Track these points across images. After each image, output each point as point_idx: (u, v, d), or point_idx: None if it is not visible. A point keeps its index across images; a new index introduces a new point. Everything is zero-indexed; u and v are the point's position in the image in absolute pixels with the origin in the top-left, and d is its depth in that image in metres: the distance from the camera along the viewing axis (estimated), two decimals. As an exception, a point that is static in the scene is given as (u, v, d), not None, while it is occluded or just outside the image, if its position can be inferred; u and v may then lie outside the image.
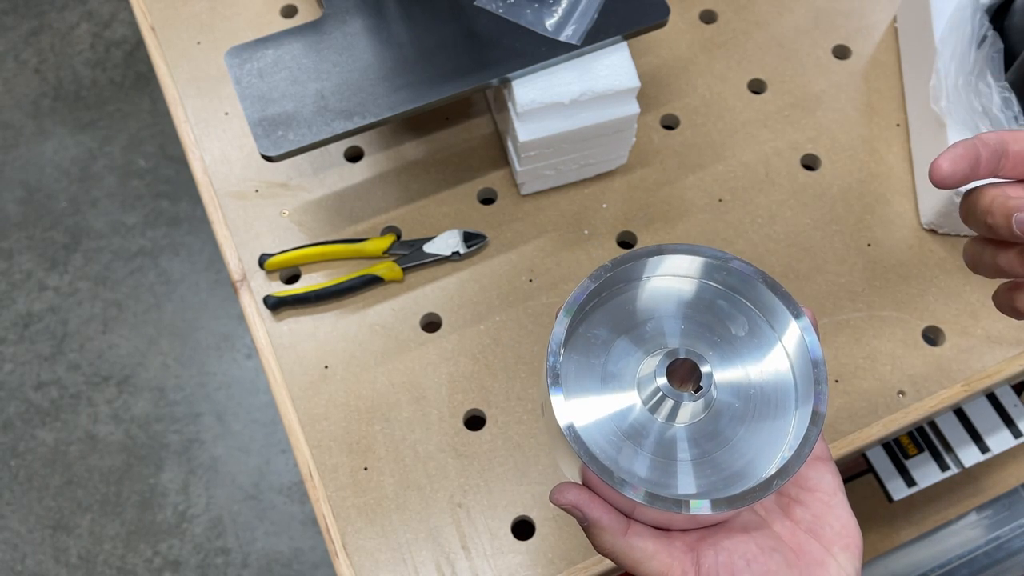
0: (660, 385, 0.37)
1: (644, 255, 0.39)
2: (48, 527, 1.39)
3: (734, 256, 0.40)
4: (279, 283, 0.63)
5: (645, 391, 0.38)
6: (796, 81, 0.70)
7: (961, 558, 0.70)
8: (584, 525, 0.37)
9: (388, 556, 0.54)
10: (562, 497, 0.36)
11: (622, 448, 0.37)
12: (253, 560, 1.36)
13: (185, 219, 1.61)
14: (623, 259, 0.39)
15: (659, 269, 0.41)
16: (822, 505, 0.38)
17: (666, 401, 0.37)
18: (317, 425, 0.58)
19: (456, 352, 0.60)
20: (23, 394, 1.48)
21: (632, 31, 0.58)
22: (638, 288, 0.41)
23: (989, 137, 0.36)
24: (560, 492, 0.36)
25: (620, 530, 0.36)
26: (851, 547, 0.37)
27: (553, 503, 0.37)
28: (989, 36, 0.59)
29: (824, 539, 0.37)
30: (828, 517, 0.38)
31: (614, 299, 0.41)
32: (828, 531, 0.37)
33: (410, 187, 0.66)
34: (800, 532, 0.38)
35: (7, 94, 1.74)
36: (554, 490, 0.37)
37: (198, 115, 0.69)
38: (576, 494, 0.36)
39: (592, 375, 0.39)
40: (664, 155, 0.67)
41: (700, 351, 0.39)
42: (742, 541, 0.36)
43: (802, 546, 0.37)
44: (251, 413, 1.45)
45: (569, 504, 0.36)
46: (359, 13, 0.59)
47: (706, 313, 0.41)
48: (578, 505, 0.36)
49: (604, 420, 0.38)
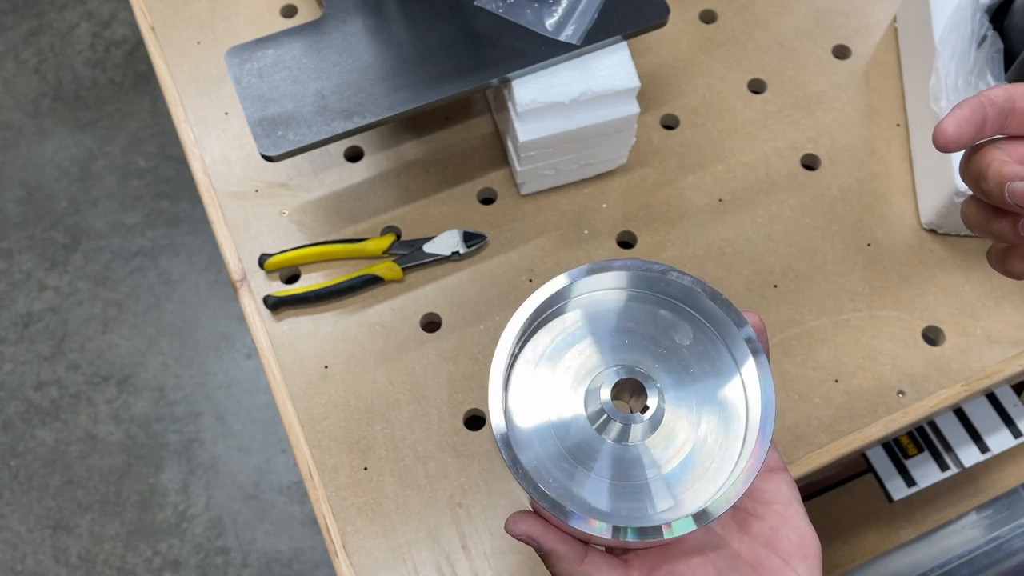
0: (605, 406, 0.37)
1: (578, 276, 0.39)
2: (48, 527, 1.39)
3: (671, 267, 0.39)
4: (279, 283, 0.63)
5: (591, 412, 0.38)
6: (796, 81, 0.70)
7: (961, 558, 0.70)
8: (540, 555, 0.36)
9: (388, 556, 0.54)
10: (516, 528, 0.36)
11: (574, 474, 0.37)
12: (253, 560, 1.36)
13: (185, 219, 1.61)
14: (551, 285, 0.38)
15: (592, 285, 0.40)
16: (778, 517, 0.38)
17: (613, 423, 0.37)
18: (317, 425, 0.58)
19: (456, 352, 0.60)
20: (23, 394, 1.48)
21: (632, 31, 0.58)
22: (575, 306, 0.41)
23: (996, 94, 0.35)
24: (514, 523, 0.36)
25: (577, 559, 0.35)
26: (809, 557, 0.37)
27: (508, 533, 0.36)
28: (989, 36, 0.59)
29: (782, 551, 0.37)
30: (785, 529, 0.37)
31: (551, 321, 0.40)
32: (786, 543, 0.37)
33: (410, 187, 0.66)
34: (758, 546, 0.37)
35: (7, 94, 1.74)
36: (508, 520, 0.36)
37: (198, 115, 0.69)
38: (530, 524, 0.36)
39: (538, 403, 0.38)
40: (664, 155, 0.67)
41: (646, 366, 0.38)
42: (699, 564, 0.36)
43: (761, 561, 0.37)
44: (251, 413, 1.45)
45: (523, 535, 0.36)
46: (359, 13, 0.59)
47: (649, 325, 0.40)
48: (532, 536, 0.35)
49: (552, 447, 0.37)
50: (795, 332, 0.60)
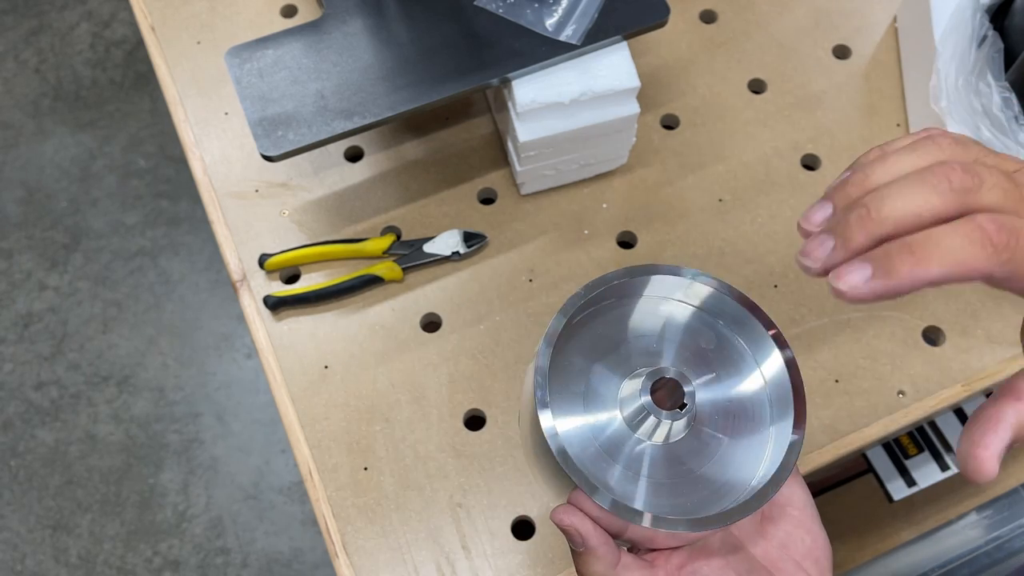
0: (645, 404, 0.37)
1: (614, 279, 0.39)
2: (48, 527, 1.39)
3: (700, 272, 0.40)
4: (279, 283, 0.63)
5: (628, 412, 0.38)
6: (796, 81, 0.70)
7: (961, 558, 0.70)
8: (579, 550, 0.36)
9: (388, 556, 0.54)
10: (564, 519, 0.35)
11: (608, 471, 0.37)
12: (253, 560, 1.36)
13: (185, 219, 1.61)
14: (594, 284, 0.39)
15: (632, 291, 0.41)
16: (794, 521, 0.38)
17: (650, 420, 0.37)
18: (317, 425, 0.58)
19: (456, 352, 0.60)
20: (23, 394, 1.48)
21: (632, 31, 0.58)
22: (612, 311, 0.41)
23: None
24: (565, 514, 0.35)
25: (614, 560, 0.36)
26: (822, 560, 0.37)
27: (554, 521, 0.36)
28: (989, 36, 0.59)
29: (796, 555, 0.37)
30: (799, 532, 0.38)
31: (589, 323, 0.40)
32: (800, 546, 0.38)
33: (410, 187, 0.66)
34: (773, 549, 0.38)
35: (7, 94, 1.74)
36: (559, 510, 0.36)
37: (198, 115, 0.69)
38: (580, 519, 0.35)
39: (574, 400, 0.39)
40: (664, 155, 0.67)
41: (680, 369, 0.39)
42: (720, 566, 0.37)
43: (775, 563, 0.37)
44: (251, 413, 1.45)
45: (573, 528, 0.35)
46: (359, 13, 0.59)
47: (680, 331, 0.41)
48: (580, 531, 0.35)
49: (590, 444, 0.38)
50: (795, 332, 0.60)
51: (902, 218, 0.27)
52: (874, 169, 0.28)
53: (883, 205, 0.27)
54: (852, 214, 0.28)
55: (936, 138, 0.29)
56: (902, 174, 0.28)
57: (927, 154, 0.28)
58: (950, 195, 0.27)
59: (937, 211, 0.27)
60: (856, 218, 0.28)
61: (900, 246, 0.27)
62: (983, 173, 0.27)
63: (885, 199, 0.27)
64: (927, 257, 0.26)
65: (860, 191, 0.28)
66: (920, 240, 0.27)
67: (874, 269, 0.27)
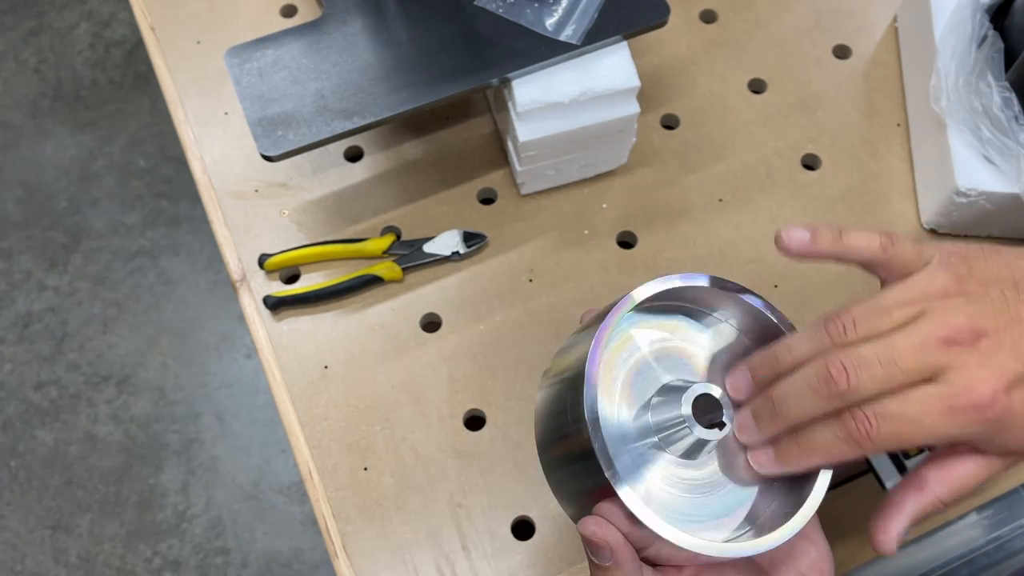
0: (684, 417, 0.36)
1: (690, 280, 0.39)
2: (48, 527, 1.39)
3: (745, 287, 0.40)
4: (279, 283, 0.63)
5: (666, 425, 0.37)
6: (796, 81, 0.70)
7: (961, 558, 0.70)
8: (604, 564, 0.35)
9: (388, 556, 0.54)
10: (596, 532, 0.34)
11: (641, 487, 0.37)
12: (253, 560, 1.36)
13: (185, 219, 1.61)
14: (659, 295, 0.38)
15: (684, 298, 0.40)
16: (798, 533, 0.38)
17: (687, 437, 0.37)
18: (317, 425, 0.58)
19: (456, 352, 0.60)
20: (23, 394, 1.48)
21: (632, 31, 0.58)
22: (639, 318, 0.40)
23: None
24: (596, 526, 0.34)
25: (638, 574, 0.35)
26: (826, 572, 0.38)
27: (582, 533, 0.35)
28: (989, 36, 0.59)
29: (802, 565, 0.38)
30: (804, 544, 0.38)
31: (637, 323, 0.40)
32: (805, 558, 0.38)
33: (410, 187, 0.66)
34: (779, 560, 0.38)
35: (7, 94, 1.74)
36: (588, 522, 0.35)
37: (198, 115, 0.69)
38: (611, 532, 0.34)
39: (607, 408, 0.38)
40: (664, 155, 0.67)
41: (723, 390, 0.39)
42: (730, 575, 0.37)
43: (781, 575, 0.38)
44: (251, 413, 1.45)
45: (603, 541, 0.34)
46: (359, 13, 0.59)
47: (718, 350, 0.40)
48: (613, 546, 0.34)
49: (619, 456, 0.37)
50: (795, 332, 0.60)
51: (796, 416, 0.35)
52: (780, 357, 0.36)
53: (785, 407, 0.35)
54: (765, 408, 0.36)
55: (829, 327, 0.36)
56: (798, 363, 0.36)
57: (820, 348, 0.36)
58: (830, 399, 0.34)
59: (821, 409, 0.35)
60: (767, 412, 0.36)
61: (789, 442, 0.36)
62: (862, 373, 0.34)
63: (785, 402, 0.35)
64: (808, 452, 0.35)
65: (771, 374, 0.37)
66: (804, 438, 0.35)
67: (775, 454, 0.36)
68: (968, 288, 0.36)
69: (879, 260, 0.39)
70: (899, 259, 0.38)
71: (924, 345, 0.34)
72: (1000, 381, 0.33)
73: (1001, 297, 0.35)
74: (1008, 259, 0.36)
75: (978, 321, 0.34)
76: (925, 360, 0.34)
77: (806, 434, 0.35)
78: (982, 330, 0.34)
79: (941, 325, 0.34)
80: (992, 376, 0.33)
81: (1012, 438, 0.35)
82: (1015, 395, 0.34)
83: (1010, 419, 0.34)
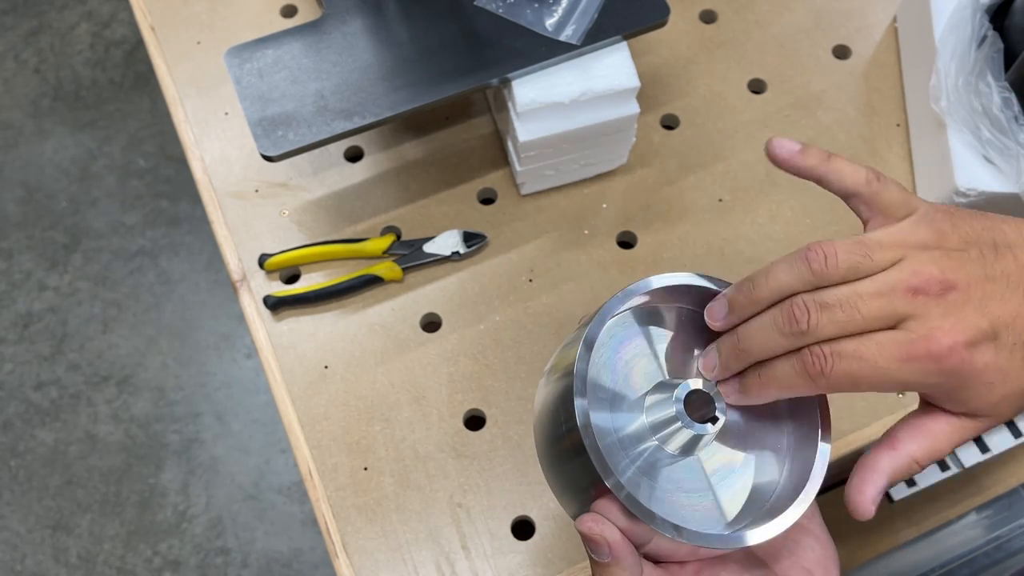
0: (677, 413, 0.36)
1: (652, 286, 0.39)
2: (48, 527, 1.39)
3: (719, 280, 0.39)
4: (279, 283, 0.63)
5: (658, 421, 0.37)
6: (796, 81, 0.70)
7: (961, 558, 0.70)
8: (603, 561, 0.35)
9: (388, 556, 0.54)
10: (593, 529, 0.34)
11: (640, 483, 0.37)
12: (253, 560, 1.36)
13: (185, 219, 1.61)
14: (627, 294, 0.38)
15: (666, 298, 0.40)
16: (803, 529, 0.38)
17: (681, 433, 0.37)
18: (317, 425, 0.58)
19: (456, 352, 0.60)
20: (23, 394, 1.48)
21: (632, 31, 0.58)
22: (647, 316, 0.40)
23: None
24: (594, 523, 0.34)
25: (637, 573, 0.35)
26: (831, 569, 0.38)
27: (580, 530, 0.35)
28: (989, 36, 0.59)
29: (807, 562, 0.38)
30: (809, 540, 0.38)
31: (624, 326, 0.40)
32: (810, 554, 0.38)
33: (410, 187, 0.66)
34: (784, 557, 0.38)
35: (7, 94, 1.74)
36: (586, 519, 0.34)
37: (198, 115, 0.69)
38: (609, 529, 0.34)
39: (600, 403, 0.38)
40: (664, 155, 0.67)
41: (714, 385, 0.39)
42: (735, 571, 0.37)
43: (787, 572, 0.38)
44: (251, 413, 1.45)
45: (600, 538, 0.34)
46: (359, 13, 0.59)
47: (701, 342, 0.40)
48: (611, 543, 0.34)
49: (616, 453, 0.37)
50: (795, 332, 0.60)
51: (759, 352, 0.36)
52: (757, 282, 0.37)
53: (748, 342, 0.37)
54: (727, 343, 0.37)
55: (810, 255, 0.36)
56: (779, 289, 0.36)
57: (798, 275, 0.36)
58: (791, 336, 0.35)
59: (783, 346, 0.36)
60: (731, 347, 0.37)
61: (751, 372, 0.37)
62: (822, 314, 0.35)
63: (749, 337, 0.36)
64: (767, 383, 0.36)
65: (747, 300, 0.37)
66: (765, 371, 0.36)
67: (740, 386, 0.37)
68: (947, 243, 0.36)
69: (862, 194, 0.39)
70: (883, 198, 0.38)
71: (891, 292, 0.34)
72: (962, 334, 0.33)
73: (979, 255, 0.35)
74: (993, 222, 0.36)
75: (950, 274, 0.34)
76: (890, 307, 0.34)
77: (767, 366, 0.36)
78: (952, 283, 0.34)
79: (912, 274, 0.34)
80: (953, 328, 0.33)
81: (973, 396, 0.35)
82: (977, 352, 0.34)
83: (969, 375, 0.34)
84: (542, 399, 0.39)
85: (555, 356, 0.40)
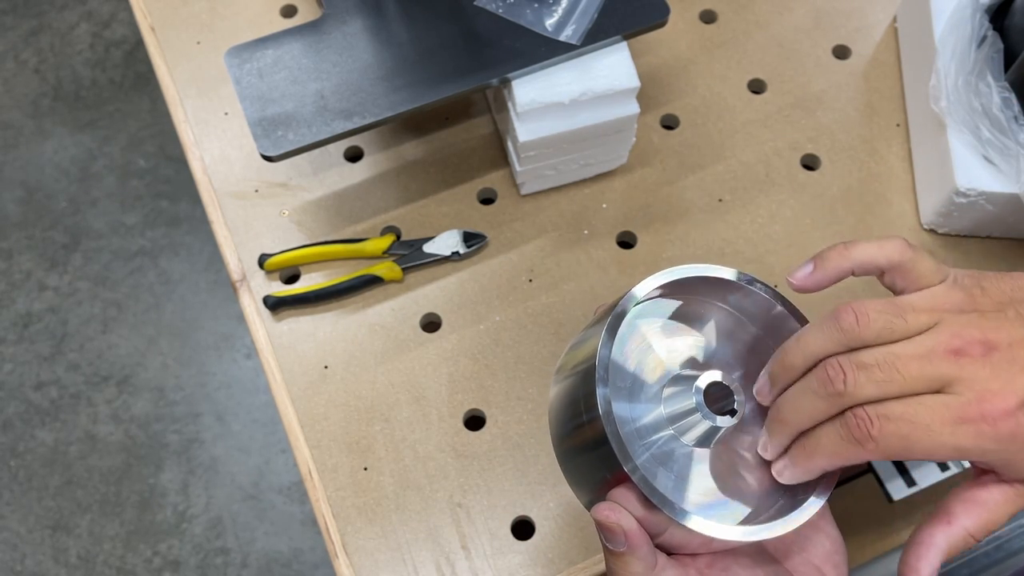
0: (700, 407, 0.36)
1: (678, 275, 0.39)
2: (48, 527, 1.39)
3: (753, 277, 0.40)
4: (279, 283, 0.63)
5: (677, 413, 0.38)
6: (796, 81, 0.70)
7: (961, 558, 0.70)
8: (619, 550, 0.34)
9: (388, 556, 0.54)
10: (609, 517, 0.34)
11: (656, 474, 0.37)
12: (253, 560, 1.36)
13: (185, 219, 1.61)
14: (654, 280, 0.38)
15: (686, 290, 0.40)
16: (811, 525, 0.38)
17: (700, 425, 0.37)
18: (317, 425, 0.58)
19: (456, 352, 0.60)
20: (23, 394, 1.48)
21: (632, 31, 0.58)
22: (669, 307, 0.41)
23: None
24: (611, 512, 0.34)
25: (652, 563, 0.35)
26: (840, 565, 0.38)
27: (597, 519, 0.34)
28: (989, 36, 0.59)
29: (816, 557, 0.38)
30: (818, 536, 0.38)
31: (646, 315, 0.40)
32: (820, 549, 0.38)
33: (410, 187, 0.66)
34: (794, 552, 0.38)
35: (7, 94, 1.74)
36: (602, 507, 0.34)
37: (198, 115, 0.69)
38: (625, 517, 0.34)
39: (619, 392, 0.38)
40: (664, 155, 0.67)
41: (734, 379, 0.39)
42: (748, 565, 0.37)
43: (797, 567, 0.38)
44: (251, 413, 1.45)
45: (617, 526, 0.34)
46: (359, 13, 0.59)
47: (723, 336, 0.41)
48: (627, 531, 0.34)
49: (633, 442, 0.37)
50: (795, 332, 0.60)
51: (798, 419, 0.35)
52: (789, 349, 0.37)
53: (785, 410, 0.36)
54: (769, 416, 0.37)
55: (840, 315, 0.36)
56: (812, 354, 0.36)
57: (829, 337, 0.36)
58: (828, 399, 0.34)
59: (822, 411, 0.35)
60: (771, 419, 0.37)
61: (798, 447, 0.36)
62: (859, 374, 0.34)
63: (786, 405, 0.36)
64: (812, 453, 0.35)
65: (782, 369, 0.37)
66: (809, 440, 0.35)
67: (790, 462, 0.36)
68: (982, 306, 0.35)
69: (903, 263, 0.38)
70: (920, 266, 0.37)
71: (930, 354, 0.33)
72: (1014, 396, 0.32)
73: (1017, 315, 0.34)
74: (1019, 281, 0.36)
75: (991, 335, 0.34)
76: (932, 370, 0.33)
77: (811, 435, 0.35)
78: (994, 343, 0.33)
79: (952, 336, 0.34)
80: (1004, 390, 0.32)
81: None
82: None
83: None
84: (558, 394, 0.39)
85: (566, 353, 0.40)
